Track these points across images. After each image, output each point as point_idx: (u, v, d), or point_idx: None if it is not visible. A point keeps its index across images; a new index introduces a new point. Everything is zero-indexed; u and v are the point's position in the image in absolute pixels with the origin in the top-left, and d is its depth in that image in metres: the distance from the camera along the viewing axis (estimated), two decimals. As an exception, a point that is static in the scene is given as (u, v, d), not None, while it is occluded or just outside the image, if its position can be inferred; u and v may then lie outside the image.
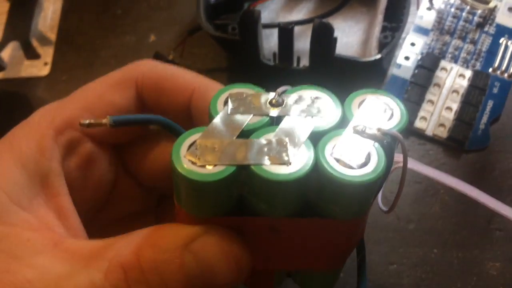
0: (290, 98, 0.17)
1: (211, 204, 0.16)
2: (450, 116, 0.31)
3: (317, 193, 0.16)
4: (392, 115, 0.17)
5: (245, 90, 0.17)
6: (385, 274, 0.27)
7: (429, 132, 0.31)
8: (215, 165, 0.15)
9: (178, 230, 0.16)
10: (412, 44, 0.33)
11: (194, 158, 0.15)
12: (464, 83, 0.32)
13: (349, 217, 0.17)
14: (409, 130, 0.31)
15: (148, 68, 0.21)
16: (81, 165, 0.20)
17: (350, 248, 0.19)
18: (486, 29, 0.34)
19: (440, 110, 0.31)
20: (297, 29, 0.31)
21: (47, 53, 0.37)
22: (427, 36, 0.34)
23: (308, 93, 0.17)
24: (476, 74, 0.32)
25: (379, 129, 0.16)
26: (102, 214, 0.22)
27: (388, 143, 0.16)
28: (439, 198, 0.29)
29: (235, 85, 0.17)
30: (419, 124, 0.31)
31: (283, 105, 0.17)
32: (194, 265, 0.16)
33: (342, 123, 0.17)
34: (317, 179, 0.16)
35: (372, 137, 0.16)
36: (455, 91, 0.32)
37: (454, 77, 0.32)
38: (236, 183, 0.16)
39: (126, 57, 0.36)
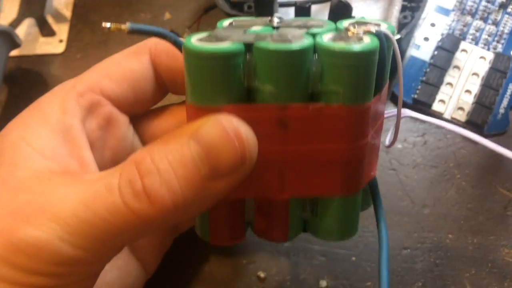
0: (289, 19, 0.19)
1: (220, 87, 0.17)
2: (470, 99, 0.31)
3: (320, 78, 0.17)
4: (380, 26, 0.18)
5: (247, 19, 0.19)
6: (399, 258, 0.27)
7: (447, 115, 0.30)
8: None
9: (186, 125, 0.17)
10: (432, 25, 0.33)
11: (204, 41, 0.17)
12: (485, 65, 0.31)
13: (353, 100, 0.17)
14: (427, 113, 0.31)
15: (159, 41, 0.22)
16: (102, 125, 0.21)
17: (360, 166, 0.19)
18: (509, 10, 0.33)
19: (459, 93, 0.31)
20: (314, 7, 0.31)
21: (62, 30, 0.37)
22: (447, 17, 0.33)
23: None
24: (497, 57, 0.31)
25: (368, 29, 0.17)
26: None
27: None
28: (455, 182, 0.29)
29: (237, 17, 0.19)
30: (437, 107, 0.30)
31: (282, 22, 0.19)
32: (199, 149, 0.16)
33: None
34: (317, 63, 0.17)
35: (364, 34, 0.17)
36: (475, 73, 0.31)
37: (475, 59, 0.32)
38: (243, 66, 0.17)
39: (140, 35, 0.36)
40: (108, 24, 0.18)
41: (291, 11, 0.30)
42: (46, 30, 0.37)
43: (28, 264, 0.16)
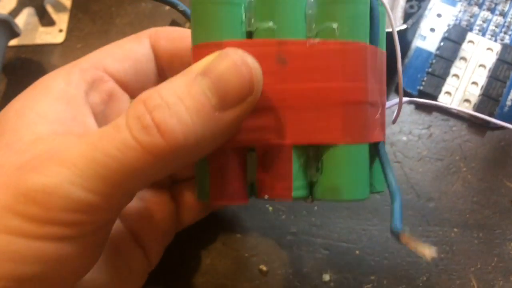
0: None
1: (223, 23, 0.18)
2: (476, 91, 0.30)
3: (316, 19, 0.18)
4: None
5: None
6: (403, 252, 0.27)
7: (453, 107, 0.30)
8: None
9: (192, 65, 0.17)
10: (439, 15, 0.32)
11: None
12: (492, 57, 0.31)
13: (347, 36, 0.18)
14: (433, 105, 0.30)
15: (158, 28, 0.23)
16: (104, 99, 0.21)
17: (361, 112, 0.18)
18: (517, 0, 0.32)
19: (465, 85, 0.30)
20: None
21: (62, 20, 0.36)
22: (454, 7, 0.32)
23: None
24: (505, 48, 0.31)
25: None
26: None
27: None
28: (461, 176, 0.28)
29: None
30: (443, 99, 0.30)
31: None
32: (207, 80, 0.16)
33: None
34: (313, 5, 0.18)
35: None
36: (482, 65, 0.31)
37: (482, 51, 0.31)
38: (244, 8, 0.18)
39: (141, 24, 0.35)
40: None
41: None
42: (45, 20, 0.36)
43: (39, 213, 0.15)
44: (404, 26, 0.27)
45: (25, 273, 0.15)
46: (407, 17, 0.29)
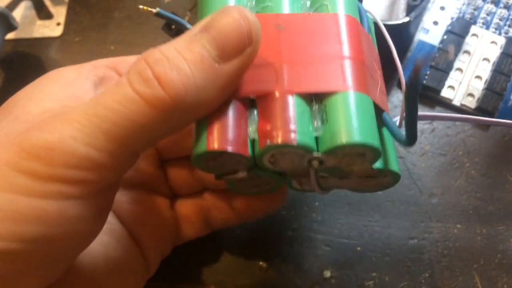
0: None
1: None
2: (480, 85, 0.30)
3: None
4: None
5: None
6: (405, 249, 0.26)
7: (456, 102, 0.29)
8: None
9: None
10: (442, 8, 0.31)
11: None
12: (496, 50, 0.30)
13: (338, 10, 0.19)
14: (436, 100, 0.30)
15: None
16: None
17: (360, 68, 0.18)
18: (522, -8, 0.32)
19: (469, 79, 0.30)
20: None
21: (60, 13, 0.36)
22: (457, 0, 0.32)
23: None
24: (509, 41, 0.30)
25: None
26: None
27: None
28: (464, 171, 0.28)
29: None
30: (446, 93, 0.29)
31: None
32: (207, 34, 0.17)
33: None
34: None
35: None
36: (486, 59, 0.30)
37: (485, 44, 0.30)
38: None
39: (140, 18, 0.35)
40: (140, 6, 0.20)
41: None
42: (43, 13, 0.36)
43: (42, 170, 0.15)
44: (407, 19, 0.27)
45: (26, 233, 0.15)
46: (410, 10, 0.28)
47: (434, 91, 0.29)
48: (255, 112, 0.18)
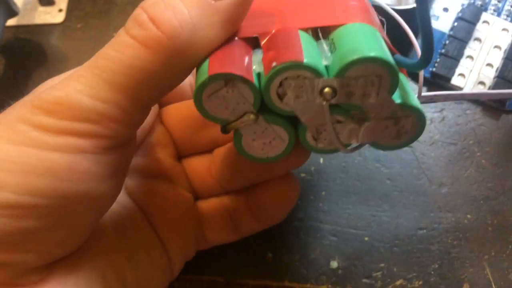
0: None
1: None
2: (491, 73, 0.29)
3: None
4: None
5: None
6: (414, 239, 0.26)
7: (467, 90, 0.29)
8: None
9: None
10: (452, -6, 0.31)
11: None
12: (508, 37, 0.30)
13: None
14: (446, 88, 0.29)
15: None
16: None
17: (368, 12, 0.18)
18: (535, -22, 0.31)
19: (480, 67, 0.29)
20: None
21: (62, 0, 0.35)
22: (469, -14, 0.31)
23: None
24: (522, 28, 0.29)
25: None
26: (135, 160, 0.22)
27: None
28: (475, 160, 0.27)
29: None
30: (456, 81, 0.29)
31: None
32: None
33: None
34: None
35: None
36: (497, 46, 0.29)
37: (497, 31, 0.30)
38: None
39: (143, 4, 0.34)
40: None
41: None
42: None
43: (53, 123, 0.15)
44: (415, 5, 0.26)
45: (36, 185, 0.15)
46: (420, -6, 0.28)
47: (444, 79, 0.29)
48: (260, 51, 0.17)
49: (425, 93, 0.21)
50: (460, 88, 0.29)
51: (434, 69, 0.29)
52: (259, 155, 0.19)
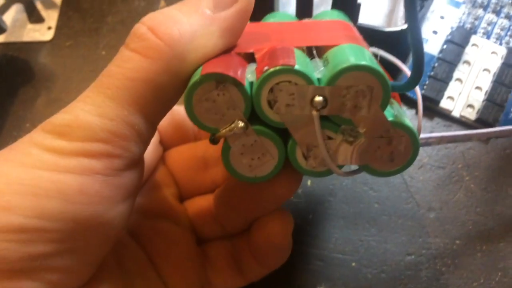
0: None
1: None
2: (480, 96, 0.29)
3: None
4: None
5: None
6: (402, 265, 0.25)
7: (456, 113, 0.28)
8: None
9: None
10: (442, 17, 0.31)
11: None
12: (497, 61, 0.29)
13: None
14: (434, 111, 0.29)
15: None
16: None
17: (359, 39, 0.18)
18: (524, 2, 0.31)
19: (469, 90, 0.29)
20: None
21: (51, 17, 0.35)
22: (458, 9, 0.31)
23: None
24: (510, 51, 0.29)
25: None
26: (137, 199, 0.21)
27: None
28: (464, 185, 0.27)
29: None
30: (445, 104, 0.29)
31: None
32: None
33: None
34: None
35: None
36: (486, 69, 0.29)
37: (486, 54, 0.30)
38: None
39: (133, 23, 0.34)
40: None
41: (293, 1, 0.29)
42: (34, 17, 0.35)
43: (64, 146, 0.15)
44: (405, 26, 0.26)
45: (46, 208, 0.15)
46: (409, 17, 0.28)
47: (433, 102, 0.29)
48: (255, 64, 0.17)
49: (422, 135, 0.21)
50: (449, 111, 0.29)
51: (423, 91, 0.29)
52: (247, 174, 0.19)
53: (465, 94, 0.29)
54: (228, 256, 0.22)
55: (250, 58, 0.18)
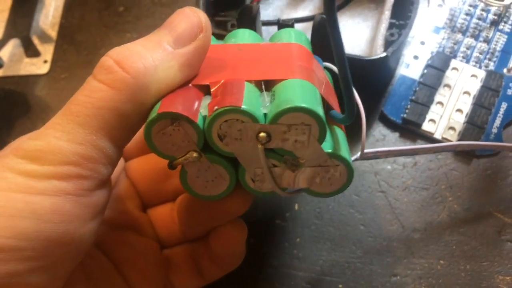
0: None
1: None
2: (461, 119, 0.29)
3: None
4: None
5: None
6: (388, 286, 0.26)
7: (438, 135, 0.29)
8: None
9: None
10: (422, 43, 0.32)
11: None
12: (476, 84, 0.30)
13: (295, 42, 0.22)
14: (417, 133, 0.30)
15: None
16: None
17: (310, 70, 0.20)
18: (501, 27, 0.32)
19: (450, 113, 0.30)
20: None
21: (47, 51, 0.36)
22: (437, 34, 0.32)
23: None
24: (489, 75, 0.30)
25: None
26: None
27: None
28: (447, 205, 0.28)
29: None
30: (427, 127, 0.29)
31: None
32: (163, 28, 0.19)
33: None
34: None
35: None
36: (467, 92, 0.30)
37: (466, 78, 0.31)
38: None
39: (126, 55, 0.35)
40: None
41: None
42: (31, 51, 0.36)
43: (37, 169, 0.16)
44: (384, 54, 0.27)
45: (21, 227, 0.16)
46: (388, 45, 0.29)
47: (415, 125, 0.29)
48: (210, 97, 0.19)
49: (367, 149, 0.23)
50: (431, 134, 0.29)
51: (405, 115, 0.29)
52: (203, 193, 0.21)
53: (446, 116, 0.30)
54: (189, 260, 0.24)
55: (207, 89, 0.19)
